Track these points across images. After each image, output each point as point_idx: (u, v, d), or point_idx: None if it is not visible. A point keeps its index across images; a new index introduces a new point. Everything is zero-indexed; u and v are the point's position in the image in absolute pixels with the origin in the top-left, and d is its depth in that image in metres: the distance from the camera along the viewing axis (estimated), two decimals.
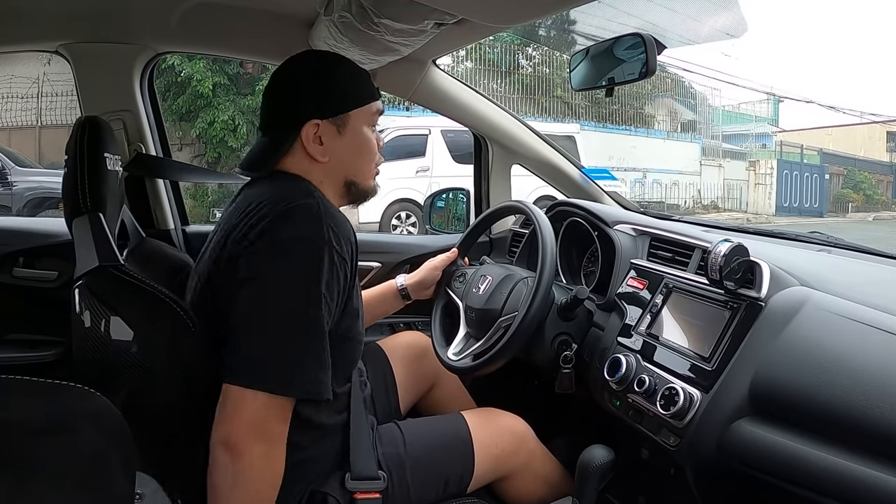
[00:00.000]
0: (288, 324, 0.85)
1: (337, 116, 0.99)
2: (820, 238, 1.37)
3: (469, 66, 12.47)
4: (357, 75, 1.03)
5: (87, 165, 0.97)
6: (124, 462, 0.72)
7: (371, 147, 1.05)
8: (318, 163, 0.99)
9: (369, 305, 1.38)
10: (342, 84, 1.01)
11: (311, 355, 0.86)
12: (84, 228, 0.93)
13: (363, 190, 1.06)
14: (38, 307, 1.42)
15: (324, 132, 0.98)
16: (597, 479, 1.08)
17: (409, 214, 8.49)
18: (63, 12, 1.31)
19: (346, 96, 1.00)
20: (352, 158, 1.02)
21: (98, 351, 0.91)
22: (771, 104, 18.93)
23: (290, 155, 1.00)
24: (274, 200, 0.90)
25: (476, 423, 1.17)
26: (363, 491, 1.01)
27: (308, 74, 1.01)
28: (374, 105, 1.04)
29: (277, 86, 1.02)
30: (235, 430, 0.83)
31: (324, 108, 0.99)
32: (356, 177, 1.04)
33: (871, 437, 0.73)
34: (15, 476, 0.61)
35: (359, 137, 1.02)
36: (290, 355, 0.85)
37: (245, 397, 0.83)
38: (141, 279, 0.89)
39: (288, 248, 0.86)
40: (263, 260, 0.87)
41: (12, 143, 9.13)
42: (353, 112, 1.01)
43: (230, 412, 0.84)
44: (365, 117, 1.02)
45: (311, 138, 0.98)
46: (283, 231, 0.87)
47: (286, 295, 0.86)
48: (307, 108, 0.98)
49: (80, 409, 0.69)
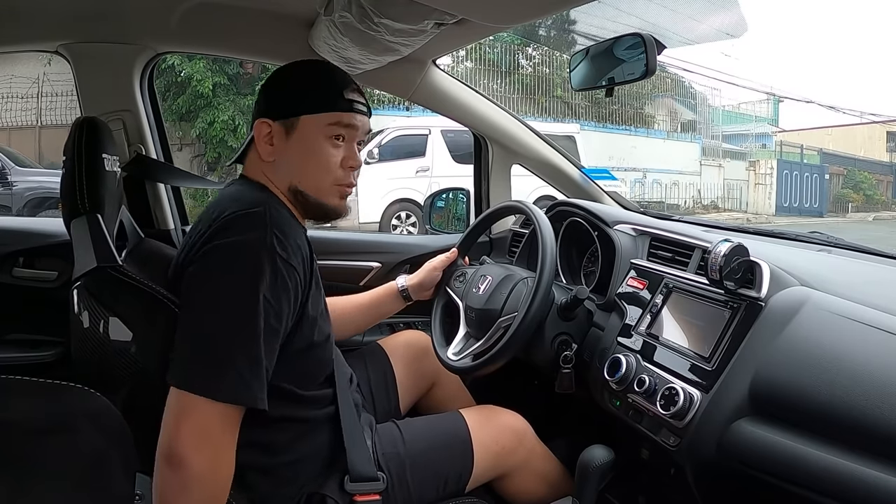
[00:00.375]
0: (221, 328, 0.83)
1: (286, 119, 0.98)
2: (820, 238, 1.37)
3: (469, 66, 12.47)
4: (322, 83, 1.00)
5: (86, 166, 0.97)
6: (124, 462, 0.72)
7: (324, 159, 1.00)
8: (266, 163, 1.00)
9: (370, 307, 1.39)
10: (302, 87, 0.99)
11: (242, 360, 0.83)
12: (82, 229, 0.93)
13: (317, 203, 1.02)
14: (37, 307, 1.42)
15: (274, 133, 0.99)
16: (597, 479, 1.08)
17: (409, 214, 8.49)
18: (63, 12, 1.31)
19: (301, 100, 0.98)
20: (297, 165, 0.99)
21: (97, 351, 0.91)
22: (771, 104, 18.94)
23: (251, 151, 1.02)
24: (224, 209, 0.91)
25: (475, 421, 1.17)
26: (363, 493, 1.01)
27: (278, 76, 1.02)
28: (336, 116, 0.99)
29: (262, 85, 1.05)
30: (175, 437, 0.80)
31: (275, 108, 0.99)
32: (303, 185, 1.00)
33: (871, 437, 0.73)
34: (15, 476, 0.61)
35: (308, 145, 0.99)
36: (219, 358, 0.82)
37: (182, 401, 0.81)
38: (139, 280, 0.89)
39: (228, 253, 0.86)
40: (205, 265, 0.87)
41: (12, 143, 9.14)
42: (305, 117, 0.98)
43: (170, 418, 0.81)
44: (320, 126, 0.98)
45: (262, 136, 0.99)
46: (226, 237, 0.87)
47: (223, 300, 0.84)
48: (264, 107, 1.00)
49: (80, 409, 0.70)
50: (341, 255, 1.67)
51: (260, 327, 0.84)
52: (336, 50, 1.30)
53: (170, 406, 0.81)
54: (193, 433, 0.80)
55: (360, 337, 1.63)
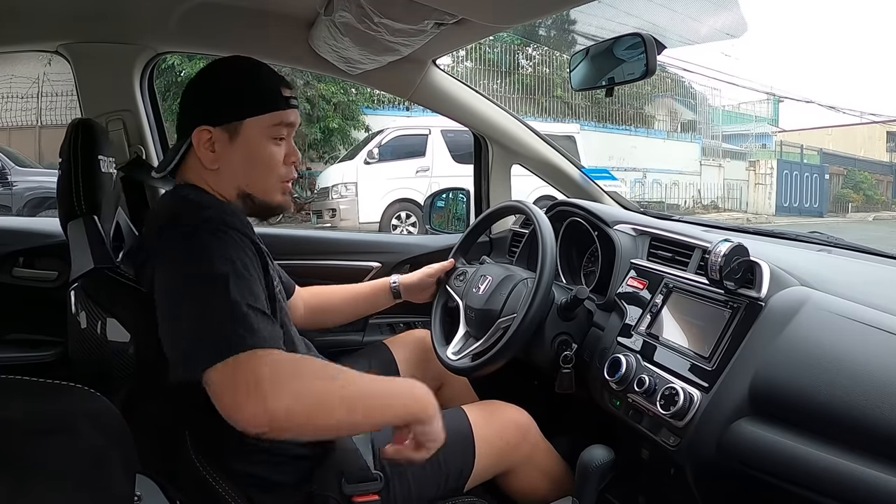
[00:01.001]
0: (200, 299, 0.81)
1: (229, 124, 0.96)
2: (820, 238, 1.36)
3: (469, 66, 12.48)
4: (262, 83, 0.99)
5: (82, 168, 0.97)
6: (124, 462, 0.72)
7: (269, 160, 0.99)
8: (209, 170, 0.97)
9: (360, 298, 1.40)
10: (239, 91, 0.98)
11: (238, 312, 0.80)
12: (79, 231, 0.93)
13: (263, 203, 1.01)
14: (37, 307, 1.42)
15: (216, 139, 0.96)
16: (597, 479, 1.08)
17: (409, 214, 8.50)
18: (63, 12, 1.31)
19: (241, 104, 0.97)
20: (244, 169, 0.98)
21: (95, 352, 0.91)
22: (771, 104, 18.95)
23: (188, 160, 0.99)
24: (167, 211, 0.92)
25: (478, 416, 1.16)
26: (360, 493, 1.01)
27: (208, 80, 0.99)
28: (278, 116, 0.98)
29: (185, 90, 1.01)
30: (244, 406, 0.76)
31: (215, 113, 0.96)
32: (250, 188, 0.99)
33: (871, 437, 0.73)
34: (15, 476, 0.61)
35: (253, 148, 0.97)
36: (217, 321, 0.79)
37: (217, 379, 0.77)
38: (136, 281, 0.89)
39: (182, 238, 0.85)
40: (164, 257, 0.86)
41: (12, 143, 9.13)
42: (248, 121, 0.96)
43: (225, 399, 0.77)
44: (263, 128, 0.97)
45: (202, 144, 0.96)
46: (176, 226, 0.87)
47: (193, 271, 0.83)
48: (200, 113, 0.96)
49: (80, 409, 0.70)
50: (341, 255, 1.67)
51: (234, 283, 0.82)
52: (336, 50, 1.30)
53: (214, 392, 0.77)
54: (251, 392, 0.75)
55: (360, 337, 1.63)
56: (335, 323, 1.40)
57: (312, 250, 1.64)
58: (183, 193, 0.96)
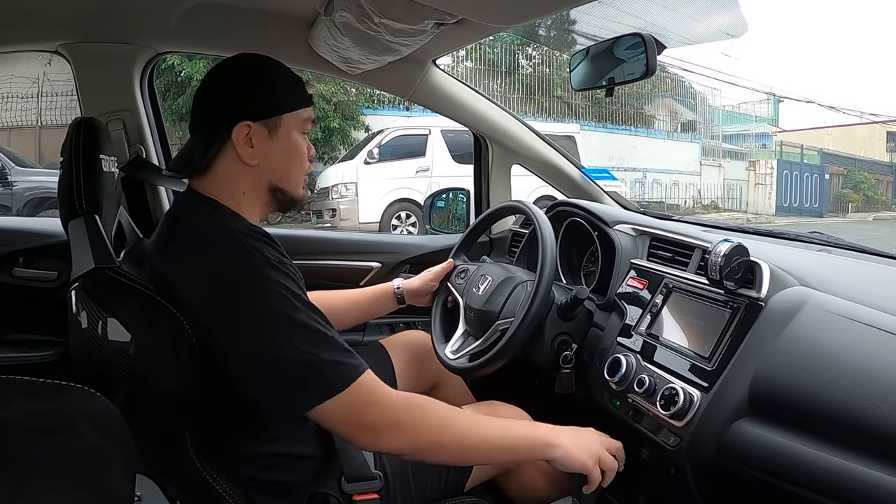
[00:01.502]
0: (284, 340, 0.85)
1: (269, 119, 0.97)
2: (820, 238, 1.36)
3: (469, 66, 12.48)
4: (291, 80, 1.01)
5: (83, 167, 0.96)
6: (124, 462, 0.72)
7: (302, 154, 1.02)
8: (247, 166, 0.97)
9: (364, 304, 1.40)
10: (276, 87, 0.99)
11: (326, 347, 0.88)
12: (80, 230, 0.93)
13: (290, 197, 1.03)
14: (37, 307, 1.42)
15: (255, 134, 0.96)
16: None
17: (409, 214, 8.50)
18: (63, 12, 1.31)
19: (279, 99, 0.98)
20: (282, 163, 1.00)
21: (95, 352, 0.91)
22: (771, 104, 18.94)
23: (220, 157, 0.97)
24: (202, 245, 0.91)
25: None
26: (360, 492, 1.01)
27: (243, 76, 0.99)
28: (306, 111, 1.02)
29: (211, 86, 1.00)
30: (363, 442, 0.90)
31: (257, 109, 0.96)
32: (284, 183, 1.01)
33: (871, 437, 0.73)
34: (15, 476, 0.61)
35: (290, 142, 1.00)
36: (314, 358, 0.86)
37: (336, 409, 0.86)
38: (137, 281, 0.89)
39: (235, 283, 0.87)
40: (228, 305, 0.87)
41: (12, 142, 9.13)
42: (286, 116, 0.98)
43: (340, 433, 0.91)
44: (297, 123, 1.00)
45: (241, 140, 0.95)
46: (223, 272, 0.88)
47: (260, 318, 0.86)
48: (240, 109, 0.96)
49: (80, 409, 0.69)
50: (341, 255, 1.67)
51: (308, 316, 0.88)
52: (336, 50, 1.30)
53: (329, 423, 0.89)
54: (370, 415, 0.88)
55: (360, 336, 1.63)
56: (339, 328, 1.40)
57: (312, 250, 1.64)
58: (219, 219, 0.94)
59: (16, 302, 1.44)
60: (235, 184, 0.98)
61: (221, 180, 0.97)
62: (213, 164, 0.97)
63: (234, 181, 0.97)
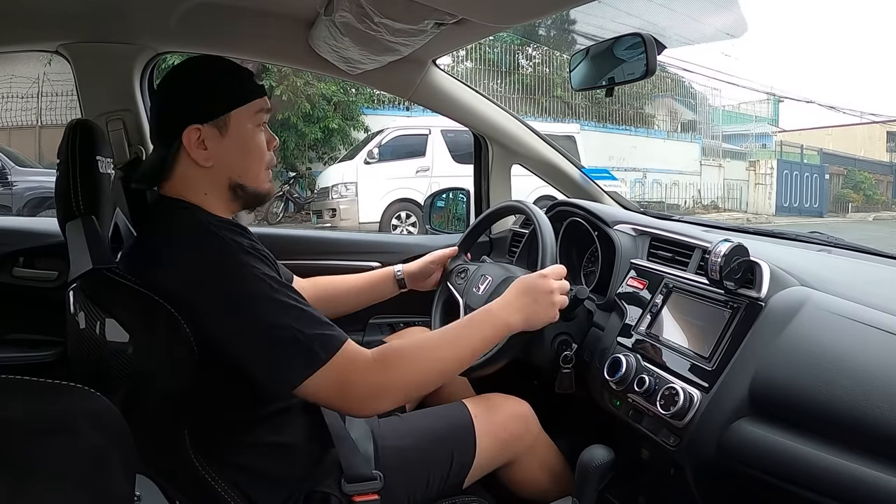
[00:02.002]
0: (266, 320, 0.87)
1: (217, 118, 0.97)
2: (820, 238, 1.36)
3: (469, 66, 12.48)
4: (235, 74, 1.01)
5: (80, 169, 0.97)
6: (124, 462, 0.72)
7: (259, 147, 1.02)
8: (203, 168, 0.98)
9: (365, 288, 1.42)
10: (219, 85, 0.99)
11: (303, 321, 0.89)
12: (77, 231, 0.93)
13: (254, 192, 1.03)
14: (37, 307, 1.42)
15: (206, 136, 0.96)
16: (597, 479, 1.08)
17: (409, 214, 8.51)
18: (63, 12, 1.30)
19: (224, 97, 0.98)
20: (238, 160, 1.00)
21: (94, 353, 0.91)
22: (771, 104, 18.95)
23: (178, 162, 0.98)
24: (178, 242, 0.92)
25: (479, 409, 1.17)
26: (360, 493, 1.01)
27: (184, 80, 1.00)
28: (258, 103, 1.01)
29: (159, 97, 1.02)
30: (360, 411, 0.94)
31: (202, 111, 0.97)
32: (243, 178, 1.01)
33: (871, 437, 0.73)
34: (15, 476, 0.61)
35: (244, 137, 1.00)
36: (292, 335, 0.87)
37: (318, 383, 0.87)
38: (135, 281, 0.89)
39: (212, 271, 0.89)
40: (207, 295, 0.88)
41: (12, 142, 9.13)
42: (234, 112, 0.98)
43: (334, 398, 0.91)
44: (249, 116, 1.00)
45: (193, 143, 0.96)
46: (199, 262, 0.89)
47: (240, 302, 0.88)
48: (186, 114, 0.96)
49: (80, 409, 0.69)
50: (341, 255, 1.67)
51: (285, 297, 0.90)
52: (336, 50, 1.30)
53: (321, 395, 0.90)
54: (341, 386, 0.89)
55: (360, 337, 1.63)
56: (339, 313, 1.40)
57: (312, 250, 1.64)
58: (190, 215, 0.96)
59: (16, 302, 1.44)
60: (197, 185, 0.99)
61: (184, 183, 0.99)
62: (173, 169, 0.99)
63: (195, 183, 0.99)
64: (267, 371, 0.88)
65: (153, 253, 0.94)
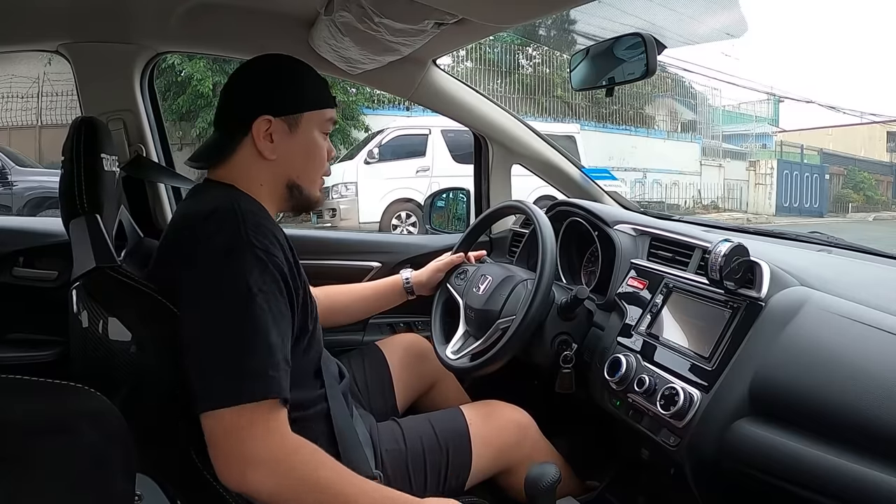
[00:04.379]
0: (223, 332, 0.83)
1: (290, 115, 0.98)
2: (820, 238, 1.36)
3: (469, 67, 12.49)
4: (315, 80, 1.03)
5: (84, 167, 0.97)
6: (124, 462, 0.72)
7: (321, 153, 1.03)
8: (266, 160, 0.98)
9: (373, 298, 1.41)
10: (299, 84, 1.00)
11: (255, 354, 0.82)
12: (81, 230, 0.93)
13: (307, 196, 1.04)
14: (38, 307, 1.42)
15: (275, 129, 0.97)
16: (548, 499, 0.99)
17: (409, 214, 8.50)
18: (63, 12, 1.30)
19: (302, 96, 1.00)
20: (300, 160, 1.01)
21: (96, 352, 0.91)
22: (771, 104, 18.94)
23: (240, 150, 0.98)
24: (197, 217, 0.90)
25: (477, 416, 1.17)
26: None
27: (267, 71, 1.00)
28: (329, 112, 1.03)
29: (237, 82, 1.01)
30: (229, 470, 0.81)
31: (278, 104, 0.98)
32: (301, 180, 1.02)
33: (871, 436, 0.73)
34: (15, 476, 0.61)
35: (310, 141, 1.01)
36: (232, 362, 0.82)
37: (211, 425, 0.81)
38: (138, 280, 0.89)
39: (210, 259, 0.86)
40: (191, 276, 0.86)
41: (13, 142, 9.12)
42: (307, 114, 0.99)
43: (213, 450, 0.81)
44: (318, 122, 1.01)
45: (261, 134, 0.96)
46: (204, 245, 0.87)
47: (214, 305, 0.84)
48: (261, 104, 0.97)
49: (80, 409, 0.69)
50: (341, 255, 1.67)
51: (263, 317, 0.84)
52: (336, 50, 1.30)
53: (210, 434, 0.81)
54: (240, 455, 0.81)
55: (360, 336, 1.63)
56: (345, 322, 1.41)
57: (313, 250, 1.64)
58: (233, 197, 0.94)
59: (16, 302, 1.44)
60: (254, 175, 0.99)
61: (240, 170, 0.99)
62: (232, 156, 0.99)
63: (254, 173, 0.99)
64: (199, 375, 0.83)
65: (183, 227, 0.92)
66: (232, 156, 0.99)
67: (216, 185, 0.99)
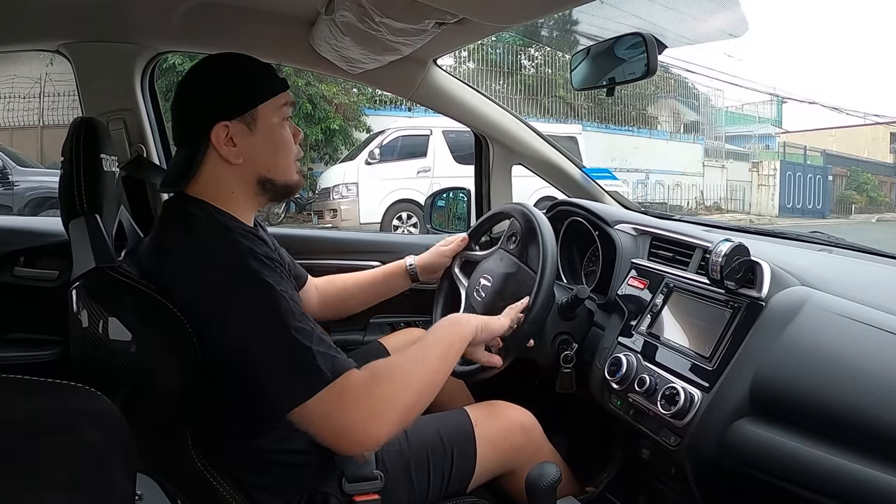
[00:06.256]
0: (273, 342, 0.85)
1: (245, 114, 0.97)
2: (821, 238, 1.36)
3: (471, 67, 12.50)
4: (259, 70, 1.01)
5: (84, 167, 0.97)
6: (124, 462, 0.72)
7: (286, 141, 1.02)
8: (233, 165, 0.97)
9: (378, 283, 1.42)
10: (245, 81, 0.99)
11: (306, 345, 0.85)
12: (81, 230, 0.93)
13: (283, 185, 1.03)
14: (38, 307, 1.42)
15: (235, 132, 0.96)
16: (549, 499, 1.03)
17: (409, 215, 8.51)
18: (64, 12, 1.31)
19: (251, 91, 0.98)
20: (267, 155, 1.00)
21: (96, 351, 0.91)
22: (774, 105, 18.93)
23: (206, 161, 0.97)
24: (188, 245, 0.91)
25: (482, 417, 1.16)
26: (361, 493, 1.01)
27: (208, 78, 0.99)
28: (282, 97, 1.01)
29: (182, 96, 1.00)
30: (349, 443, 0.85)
31: (229, 107, 0.96)
32: (273, 173, 1.01)
33: (871, 436, 0.72)
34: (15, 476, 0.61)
35: (272, 132, 1.00)
36: (298, 357, 0.84)
37: (305, 417, 0.83)
38: (138, 280, 0.89)
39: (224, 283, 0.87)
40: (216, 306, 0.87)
41: (14, 143, 9.15)
42: (261, 107, 0.98)
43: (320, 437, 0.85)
44: (274, 110, 1.00)
45: (222, 141, 0.96)
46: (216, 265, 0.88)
47: (252, 323, 0.86)
48: (213, 111, 0.96)
49: (80, 409, 0.69)
50: (341, 254, 1.67)
51: (294, 312, 0.87)
52: (337, 49, 1.30)
53: (309, 426, 0.85)
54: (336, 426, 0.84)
55: (361, 336, 1.63)
56: (352, 310, 1.42)
57: (313, 250, 1.64)
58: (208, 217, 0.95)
59: (16, 301, 1.44)
60: (224, 184, 0.98)
61: (210, 183, 0.98)
62: (200, 169, 0.98)
63: (223, 182, 0.98)
64: (271, 385, 0.85)
65: (166, 254, 0.92)
66: (201, 169, 0.98)
67: (191, 202, 0.97)
